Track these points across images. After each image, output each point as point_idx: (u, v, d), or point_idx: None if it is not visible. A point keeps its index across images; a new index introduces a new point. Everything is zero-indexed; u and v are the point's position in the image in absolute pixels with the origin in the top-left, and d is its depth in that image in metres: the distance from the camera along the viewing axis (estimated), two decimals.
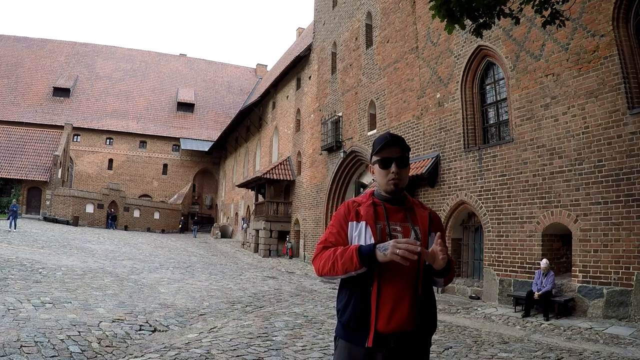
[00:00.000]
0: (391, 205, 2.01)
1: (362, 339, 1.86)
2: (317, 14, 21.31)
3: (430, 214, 2.04)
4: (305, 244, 19.77)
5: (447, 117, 11.30)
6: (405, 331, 1.85)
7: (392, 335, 1.85)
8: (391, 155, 1.97)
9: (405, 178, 2.00)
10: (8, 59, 43.43)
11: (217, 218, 42.83)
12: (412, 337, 1.88)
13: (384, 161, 1.98)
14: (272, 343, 5.47)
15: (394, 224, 1.96)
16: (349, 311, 1.90)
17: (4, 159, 30.52)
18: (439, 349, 5.63)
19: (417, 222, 1.98)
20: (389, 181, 1.97)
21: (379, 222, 1.97)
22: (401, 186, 1.99)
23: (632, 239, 7.00)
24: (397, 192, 2.00)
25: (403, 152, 1.99)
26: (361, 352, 1.86)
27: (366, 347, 1.85)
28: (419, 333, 1.89)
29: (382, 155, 1.99)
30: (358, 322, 1.87)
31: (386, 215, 1.97)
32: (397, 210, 2.00)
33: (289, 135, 23.96)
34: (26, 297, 6.60)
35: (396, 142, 1.99)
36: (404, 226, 1.96)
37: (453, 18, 5.09)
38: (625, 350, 5.70)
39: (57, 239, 17.69)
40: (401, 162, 1.98)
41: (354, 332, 1.89)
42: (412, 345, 1.89)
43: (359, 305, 1.87)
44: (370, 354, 1.86)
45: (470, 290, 10.24)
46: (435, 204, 11.35)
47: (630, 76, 7.26)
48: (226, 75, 51.55)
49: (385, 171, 1.98)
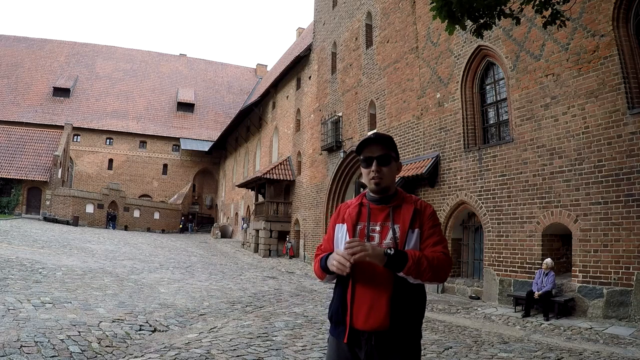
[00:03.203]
0: (376, 205, 2.02)
1: (342, 334, 1.94)
2: (317, 14, 21.31)
3: (415, 208, 1.98)
4: (305, 244, 19.77)
5: (447, 117, 11.30)
6: (384, 330, 1.87)
7: (374, 333, 1.88)
8: (372, 154, 1.99)
9: (387, 176, 1.99)
10: (8, 59, 43.43)
11: (217, 218, 42.82)
12: (391, 336, 1.89)
13: (366, 160, 2.01)
14: (272, 343, 5.47)
15: (375, 224, 1.98)
16: (332, 307, 2.02)
17: (4, 159, 30.51)
18: (439, 349, 5.63)
19: (400, 220, 1.96)
20: (370, 180, 2.00)
21: (360, 222, 2.00)
22: (383, 185, 1.99)
23: (632, 239, 7.00)
24: (381, 191, 2.01)
25: (386, 151, 1.99)
26: (345, 347, 1.94)
27: (344, 343, 1.92)
28: (397, 333, 1.89)
29: (364, 155, 2.01)
30: (337, 317, 1.97)
31: (368, 216, 2.00)
32: (380, 210, 2.01)
33: (289, 135, 23.95)
34: (26, 297, 6.59)
35: (378, 140, 2.00)
36: (384, 226, 1.97)
37: (454, 19, 5.09)
38: (625, 350, 5.70)
39: (57, 239, 17.69)
40: (382, 161, 1.98)
41: (335, 327, 2.00)
42: (393, 345, 1.89)
43: (338, 302, 1.97)
44: (352, 349, 1.93)
45: (470, 290, 10.24)
46: (435, 204, 11.35)
47: (630, 76, 7.26)
48: (226, 75, 51.54)
49: (367, 170, 2.01)
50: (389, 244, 1.92)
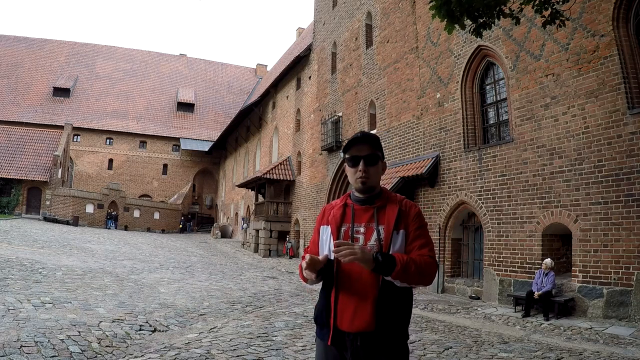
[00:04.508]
0: (360, 205, 2.00)
1: (326, 336, 1.94)
2: (317, 14, 21.31)
3: (400, 209, 1.96)
4: (305, 244, 19.77)
5: (447, 117, 11.30)
6: (370, 331, 1.87)
7: (359, 334, 1.87)
8: (359, 154, 1.97)
9: (373, 176, 1.98)
10: (8, 59, 43.43)
11: (217, 218, 42.81)
12: (376, 338, 1.88)
13: (352, 159, 1.99)
14: (272, 343, 5.47)
15: (359, 225, 1.97)
16: (317, 308, 2.03)
17: (4, 159, 30.50)
18: (439, 349, 5.63)
19: (384, 221, 1.94)
20: (356, 179, 1.98)
21: (345, 224, 1.98)
22: (369, 184, 1.98)
23: (632, 239, 7.00)
24: (367, 191, 2.00)
25: (373, 150, 1.98)
26: (332, 349, 1.94)
27: (329, 345, 1.93)
28: (382, 335, 1.88)
29: (350, 154, 2.00)
30: (322, 319, 1.98)
31: (353, 217, 1.98)
32: (365, 210, 1.99)
33: (289, 135, 23.96)
34: (26, 297, 6.59)
35: (365, 140, 1.98)
36: (369, 227, 1.95)
37: (453, 18, 5.09)
38: (625, 350, 5.70)
39: (57, 239, 17.69)
40: (369, 160, 1.96)
41: (320, 329, 2.00)
42: (379, 347, 1.89)
43: (322, 303, 1.98)
44: (339, 351, 1.93)
45: (470, 290, 10.24)
46: (435, 204, 11.36)
47: (630, 76, 7.25)
48: (226, 75, 51.55)
49: (353, 169, 1.99)
50: (373, 245, 1.90)
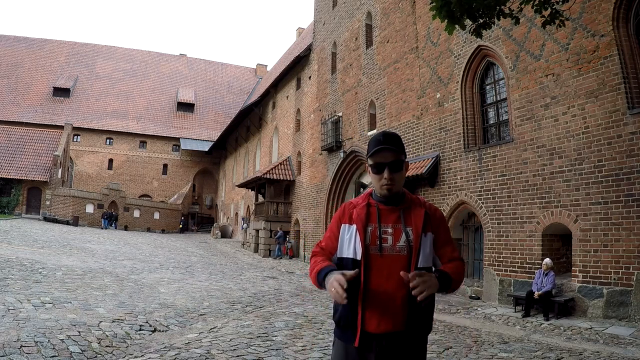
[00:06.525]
0: (385, 205, 1.98)
1: (351, 338, 1.90)
2: (317, 14, 21.31)
3: (426, 212, 1.98)
4: (305, 244, 19.77)
5: (447, 117, 11.30)
6: (397, 332, 1.86)
7: (384, 335, 1.86)
8: (384, 161, 1.93)
9: (399, 182, 1.96)
10: (8, 59, 43.43)
11: (217, 218, 42.82)
12: (404, 337, 1.87)
13: (377, 166, 1.95)
14: (272, 343, 5.47)
15: (386, 226, 1.94)
16: (340, 311, 1.95)
17: (4, 159, 30.51)
18: (439, 349, 5.63)
19: (411, 223, 1.94)
20: (382, 186, 1.96)
21: (370, 224, 1.95)
22: (395, 190, 1.96)
23: (632, 239, 7.00)
24: (392, 197, 1.99)
25: (397, 156, 1.94)
26: (354, 351, 1.90)
27: (354, 347, 1.89)
28: (411, 334, 1.88)
29: (375, 160, 1.95)
30: (346, 321, 1.92)
31: (379, 217, 1.96)
32: (391, 211, 1.97)
33: (289, 135, 23.95)
34: (26, 297, 6.59)
35: (389, 146, 1.94)
36: (396, 228, 1.94)
37: (453, 18, 5.09)
38: (625, 350, 5.70)
39: (57, 239, 17.69)
40: (394, 167, 1.93)
41: (344, 331, 1.94)
42: (405, 346, 1.89)
43: (347, 305, 1.86)
44: (362, 353, 1.90)
45: (470, 290, 10.24)
46: (435, 203, 11.34)
47: (630, 76, 7.25)
48: (226, 75, 51.55)
49: (378, 176, 1.96)
50: (402, 246, 1.90)
